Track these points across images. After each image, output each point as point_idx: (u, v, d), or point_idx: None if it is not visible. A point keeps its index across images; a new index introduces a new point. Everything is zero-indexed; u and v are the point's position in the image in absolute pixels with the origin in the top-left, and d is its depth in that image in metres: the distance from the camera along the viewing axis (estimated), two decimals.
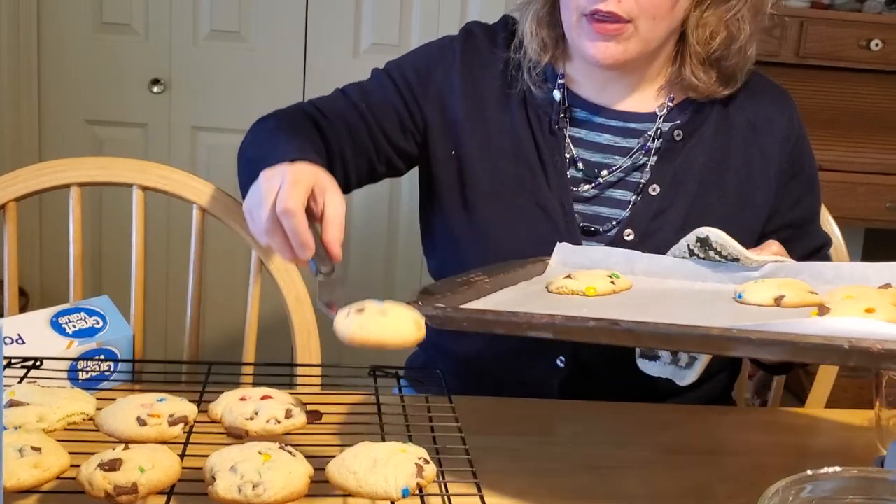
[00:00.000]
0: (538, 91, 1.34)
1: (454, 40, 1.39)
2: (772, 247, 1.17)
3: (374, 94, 1.36)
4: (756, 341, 0.87)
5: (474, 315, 1.00)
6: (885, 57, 2.79)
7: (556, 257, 1.24)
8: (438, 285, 1.10)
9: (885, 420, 1.14)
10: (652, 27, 1.24)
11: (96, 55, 2.66)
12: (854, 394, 2.40)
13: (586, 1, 1.23)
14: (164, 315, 2.69)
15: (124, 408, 0.94)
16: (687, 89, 1.33)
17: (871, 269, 1.08)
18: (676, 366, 1.13)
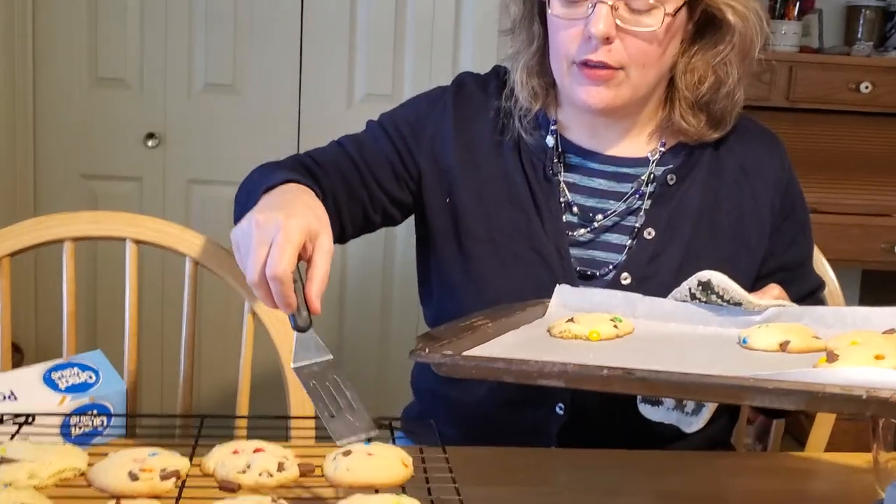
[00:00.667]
0: (530, 138, 1.35)
1: (446, 91, 1.41)
2: (773, 290, 1.17)
3: (368, 145, 1.37)
4: (773, 391, 0.87)
5: (483, 363, 0.99)
6: (875, 99, 2.82)
7: (557, 299, 1.24)
8: (441, 330, 1.09)
9: (883, 463, 1.13)
10: (642, 74, 1.26)
11: (91, 110, 2.68)
12: (854, 436, 2.39)
13: (577, 50, 1.24)
14: (160, 368, 2.68)
15: (116, 462, 0.93)
16: (677, 133, 1.34)
17: (872, 313, 1.09)
18: (682, 412, 1.12)
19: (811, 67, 2.81)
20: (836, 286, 1.58)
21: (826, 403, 0.87)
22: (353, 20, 2.70)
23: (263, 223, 1.03)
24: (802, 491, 1.16)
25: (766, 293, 1.17)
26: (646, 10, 1.22)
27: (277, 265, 1.00)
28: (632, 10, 1.22)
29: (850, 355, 0.96)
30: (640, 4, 1.21)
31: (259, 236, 1.02)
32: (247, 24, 2.67)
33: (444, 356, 1.00)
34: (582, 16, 1.23)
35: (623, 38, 1.23)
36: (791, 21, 2.87)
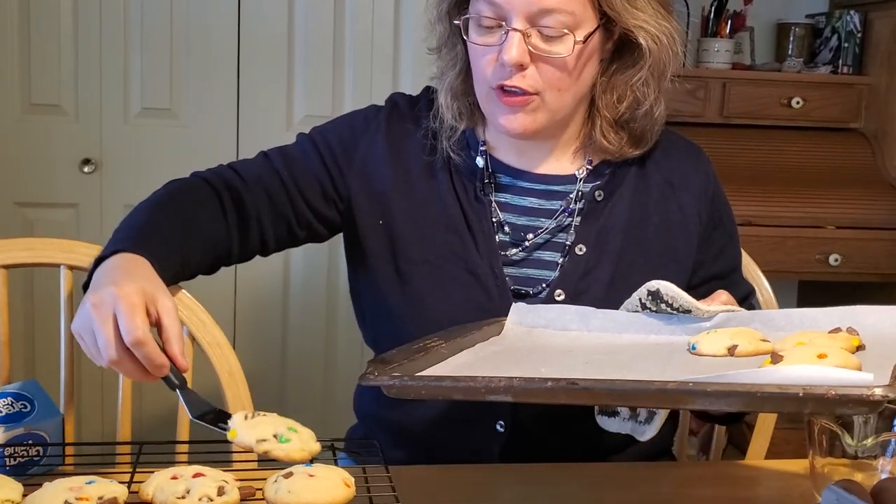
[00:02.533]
0: (458, 158, 1.36)
1: (380, 110, 1.41)
2: (721, 296, 1.19)
3: (297, 162, 1.37)
4: (713, 393, 0.88)
5: (431, 382, 0.99)
6: (806, 114, 2.88)
7: (513, 317, 1.25)
8: (392, 354, 1.09)
9: (820, 468, 1.15)
10: (557, 98, 1.27)
11: (25, 137, 2.63)
12: (796, 444, 2.42)
13: (493, 75, 1.26)
14: (100, 395, 2.64)
15: (52, 492, 0.92)
16: (600, 151, 1.36)
17: (820, 313, 1.11)
18: (636, 421, 1.14)
19: (744, 84, 2.87)
20: (773, 298, 1.61)
21: (766, 403, 0.89)
22: (290, 41, 2.69)
23: (98, 303, 1.05)
24: (744, 498, 1.18)
25: (714, 299, 1.18)
26: (557, 38, 1.23)
27: (134, 330, 1.02)
28: (544, 37, 1.23)
29: (794, 355, 0.97)
30: (552, 32, 1.23)
31: (99, 315, 1.04)
32: (183, 47, 2.65)
33: (393, 378, 1.00)
34: (496, 42, 1.25)
35: (537, 65, 1.24)
36: (723, 39, 2.92)
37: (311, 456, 1.02)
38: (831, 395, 0.84)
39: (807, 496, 1.16)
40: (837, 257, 2.72)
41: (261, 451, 1.00)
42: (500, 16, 1.24)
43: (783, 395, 0.86)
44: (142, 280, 1.09)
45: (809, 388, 0.85)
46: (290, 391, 2.80)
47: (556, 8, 1.22)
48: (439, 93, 1.36)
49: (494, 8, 1.23)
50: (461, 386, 0.96)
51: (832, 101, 2.90)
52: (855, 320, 1.07)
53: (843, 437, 1.12)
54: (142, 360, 1.03)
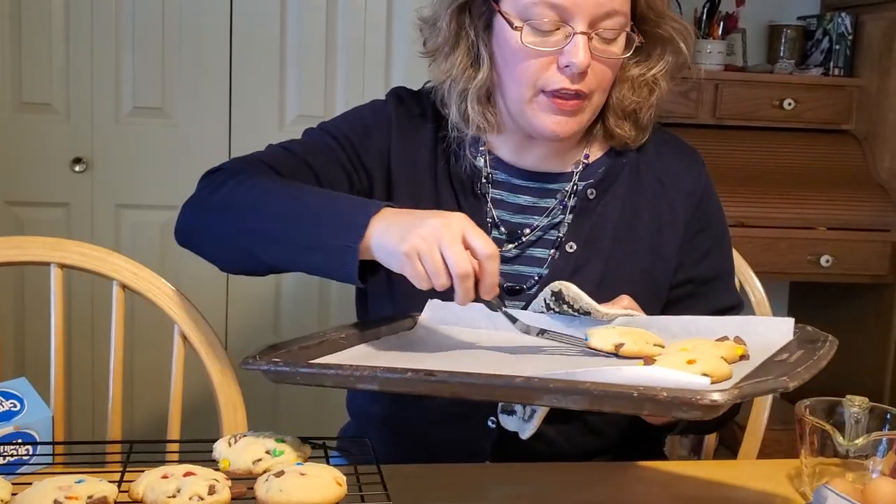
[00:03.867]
0: (462, 158, 1.35)
1: (387, 103, 1.40)
2: (623, 301, 1.19)
3: (321, 154, 1.34)
4: (555, 389, 0.91)
5: (305, 370, 1.03)
6: (798, 115, 2.89)
7: (426, 313, 1.26)
8: (288, 342, 1.13)
9: (811, 468, 1.15)
10: (601, 97, 1.29)
11: (16, 135, 2.62)
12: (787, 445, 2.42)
13: (550, 79, 1.24)
14: (91, 394, 2.63)
15: (41, 491, 0.91)
16: (599, 142, 1.36)
17: (716, 322, 1.12)
18: (522, 419, 1.16)
19: (736, 85, 2.87)
20: (765, 298, 1.62)
21: (604, 402, 0.91)
22: (283, 41, 2.69)
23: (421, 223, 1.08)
24: (734, 497, 1.18)
25: (616, 303, 1.18)
26: (613, 39, 1.25)
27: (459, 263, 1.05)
28: (602, 39, 1.24)
29: (665, 360, 0.99)
30: (610, 34, 1.24)
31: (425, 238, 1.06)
32: (175, 45, 2.64)
33: (270, 363, 1.04)
34: (553, 45, 1.23)
35: (593, 66, 1.24)
36: (716, 40, 2.93)
37: (306, 458, 1.02)
38: (663, 396, 0.86)
39: (798, 495, 1.17)
40: (829, 258, 2.73)
41: (259, 471, 0.99)
42: (562, 18, 1.22)
43: (621, 395, 0.88)
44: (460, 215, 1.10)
45: (644, 389, 0.87)
46: (282, 391, 2.79)
47: (619, 10, 1.23)
48: (454, 99, 1.32)
49: (557, 10, 1.21)
50: (330, 374, 1.01)
51: (824, 102, 2.91)
52: (746, 330, 1.08)
53: (834, 437, 1.12)
54: (461, 291, 1.06)
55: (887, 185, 2.81)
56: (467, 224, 1.07)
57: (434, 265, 1.05)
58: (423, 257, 1.05)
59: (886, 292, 2.80)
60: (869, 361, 2.82)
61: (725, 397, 0.84)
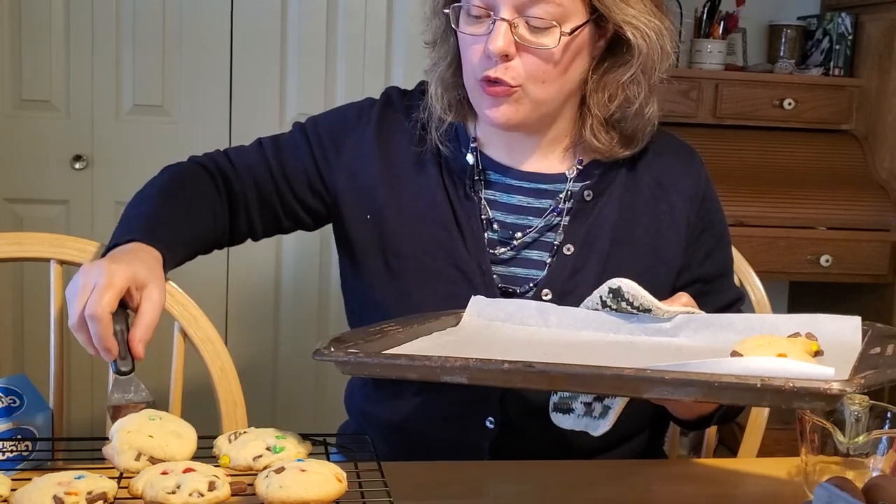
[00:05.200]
0: (447, 150, 1.35)
1: (374, 105, 1.41)
2: (682, 298, 1.18)
3: (287, 151, 1.40)
4: (670, 381, 0.88)
5: (387, 360, 1.00)
6: (798, 115, 2.89)
7: (472, 309, 1.24)
8: (350, 334, 1.11)
9: (811, 466, 1.15)
10: (541, 89, 1.26)
11: (16, 133, 2.62)
12: (787, 445, 2.43)
13: (479, 66, 1.26)
14: (90, 390, 2.63)
15: (40, 487, 0.91)
16: (590, 151, 1.35)
17: (780, 319, 1.10)
18: (590, 417, 1.12)
19: (736, 85, 2.87)
20: (765, 297, 1.61)
21: (724, 393, 0.88)
22: (283, 39, 2.69)
23: (88, 270, 1.11)
24: (733, 495, 1.18)
25: (675, 301, 1.17)
26: (544, 29, 1.23)
27: (95, 304, 1.07)
28: (531, 28, 1.23)
29: (754, 354, 0.97)
30: (538, 23, 1.22)
31: (83, 281, 1.09)
32: (175, 43, 2.64)
33: (349, 354, 1.01)
34: (484, 33, 1.24)
35: (522, 56, 1.24)
36: (716, 40, 2.93)
37: (307, 455, 1.02)
38: (789, 386, 0.84)
39: (798, 494, 1.16)
40: (828, 258, 2.73)
41: (260, 467, 0.99)
42: (488, 5, 1.23)
43: (741, 386, 0.86)
44: (140, 266, 1.13)
45: (768, 379, 0.85)
46: (281, 387, 2.79)
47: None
48: (430, 84, 1.36)
49: None
50: (416, 365, 0.97)
51: (824, 102, 2.91)
52: (815, 327, 1.06)
53: (835, 435, 1.12)
54: (93, 336, 1.08)
55: (887, 185, 2.81)
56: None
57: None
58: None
59: (886, 292, 2.80)
60: None
61: (852, 387, 0.83)
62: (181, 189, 1.34)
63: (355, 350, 1.02)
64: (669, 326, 1.13)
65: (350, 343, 1.05)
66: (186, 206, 1.32)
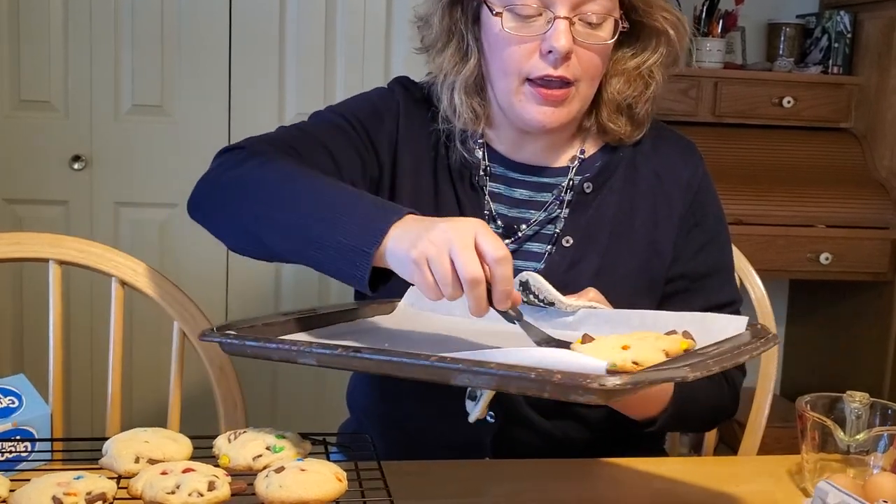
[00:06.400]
0: (460, 148, 1.35)
1: (393, 91, 1.39)
2: (588, 293, 1.17)
3: (335, 135, 1.32)
4: (466, 370, 0.90)
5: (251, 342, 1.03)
6: (797, 113, 2.89)
7: (406, 299, 1.25)
8: (256, 318, 1.13)
9: (812, 463, 1.15)
10: (590, 87, 1.28)
11: (15, 133, 2.62)
12: (788, 443, 2.43)
13: (532, 67, 1.23)
14: (90, 390, 2.63)
15: (39, 487, 0.91)
16: (598, 138, 1.35)
17: (673, 317, 1.09)
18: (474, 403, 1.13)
19: (735, 83, 2.87)
20: (765, 296, 1.61)
21: (511, 383, 0.89)
22: (282, 38, 2.69)
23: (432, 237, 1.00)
24: (736, 493, 1.18)
25: (582, 296, 1.17)
26: (598, 24, 1.23)
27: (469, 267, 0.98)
28: (585, 23, 1.23)
29: (601, 342, 0.97)
30: (594, 18, 1.23)
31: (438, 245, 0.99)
32: (174, 43, 2.64)
33: (224, 335, 1.04)
34: (536, 31, 1.22)
35: (577, 53, 1.23)
36: (715, 38, 2.93)
37: (307, 454, 1.02)
38: (557, 379, 0.84)
39: (799, 491, 1.16)
40: (828, 256, 2.73)
41: (260, 467, 0.99)
42: (543, 3, 1.22)
43: (524, 377, 0.86)
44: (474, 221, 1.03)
45: (542, 370, 0.85)
46: (281, 386, 2.79)
47: None
48: (446, 92, 1.32)
49: None
50: (272, 347, 1.01)
51: (823, 100, 2.91)
52: (702, 326, 1.05)
53: (835, 433, 1.12)
54: (472, 299, 1.00)
55: (886, 183, 2.81)
56: (480, 227, 1.00)
57: (443, 271, 0.98)
58: (431, 263, 0.98)
59: (885, 290, 2.80)
60: (868, 358, 2.83)
61: (615, 382, 0.82)
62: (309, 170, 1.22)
63: (231, 332, 1.05)
64: (572, 320, 1.14)
65: (246, 327, 1.08)
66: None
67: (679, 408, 1.23)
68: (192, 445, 1.04)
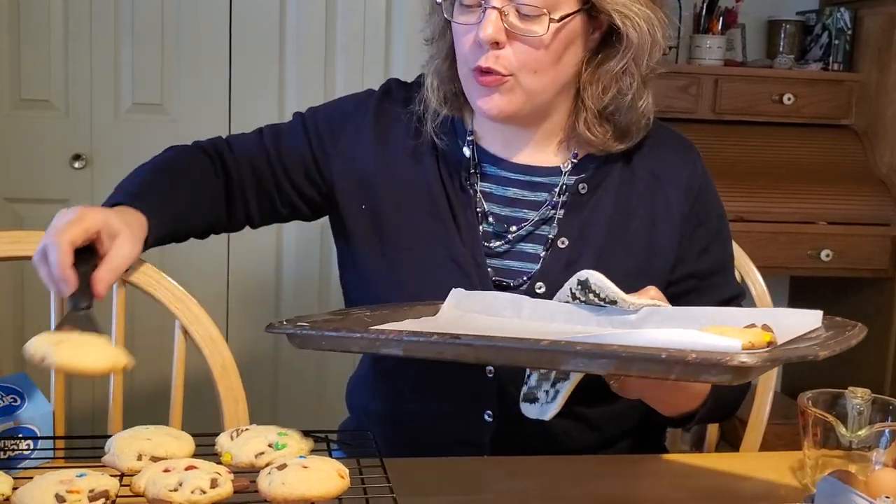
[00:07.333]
0: (442, 143, 1.35)
1: (371, 96, 1.42)
2: (650, 291, 1.16)
3: (285, 140, 1.41)
4: (582, 353, 0.89)
5: (329, 332, 1.04)
6: (798, 110, 2.89)
7: (449, 301, 1.25)
8: (315, 314, 1.13)
9: (814, 460, 1.15)
10: (533, 80, 1.26)
11: (15, 132, 2.62)
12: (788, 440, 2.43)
13: (470, 55, 1.26)
14: (91, 389, 2.63)
15: (42, 485, 0.91)
16: (584, 144, 1.34)
17: (741, 312, 1.09)
18: (546, 403, 1.12)
19: (735, 80, 2.87)
20: (766, 293, 1.61)
21: (633, 365, 0.88)
22: (282, 37, 2.69)
23: (62, 213, 1.14)
24: (737, 489, 1.18)
25: (643, 294, 1.16)
26: (534, 17, 1.22)
27: (56, 234, 1.10)
28: (521, 15, 1.22)
29: None
30: (528, 10, 1.22)
31: (55, 222, 1.13)
32: (174, 42, 2.64)
33: (296, 327, 1.05)
34: (475, 22, 1.24)
35: (513, 44, 1.23)
36: (715, 35, 2.93)
37: (309, 452, 1.02)
38: (692, 358, 0.83)
39: (801, 487, 1.16)
40: (829, 253, 2.73)
41: (262, 464, 0.99)
42: None
43: (649, 357, 0.85)
44: (115, 217, 1.15)
45: (674, 351, 0.84)
46: (282, 385, 2.79)
47: None
48: (426, 77, 1.36)
49: None
50: (355, 338, 1.01)
51: (823, 97, 2.91)
52: (775, 320, 1.04)
53: (837, 428, 1.12)
54: (49, 263, 1.09)
55: (887, 180, 2.81)
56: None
57: None
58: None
59: (886, 286, 2.80)
60: (869, 355, 2.82)
61: (755, 359, 0.82)
62: (177, 165, 1.37)
63: (304, 324, 1.04)
64: (635, 318, 1.13)
65: (310, 321, 1.08)
66: (179, 182, 1.34)
67: (716, 401, 1.22)
68: (195, 443, 1.04)
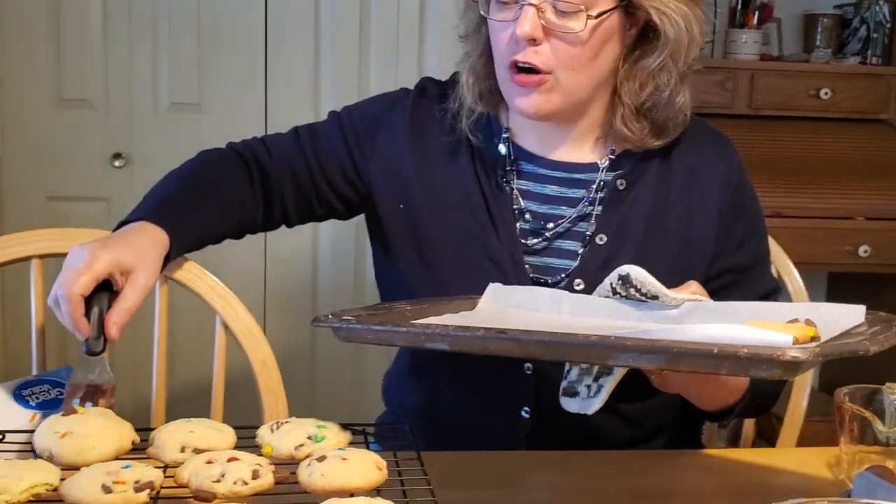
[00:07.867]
0: (478, 140, 1.36)
1: (408, 95, 1.42)
2: (691, 286, 1.16)
3: (322, 140, 1.41)
4: (632, 348, 0.89)
5: (375, 326, 1.04)
6: (835, 105, 2.86)
7: (487, 295, 1.25)
8: (357, 308, 1.14)
9: (850, 455, 1.15)
10: (571, 77, 1.26)
11: (56, 131, 2.66)
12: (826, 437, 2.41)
13: (507, 51, 1.26)
14: (132, 382, 2.66)
15: (88, 476, 0.93)
16: (621, 140, 1.34)
17: (784, 306, 1.09)
18: (588, 397, 1.13)
19: (772, 75, 2.85)
20: (803, 289, 1.60)
21: (683, 360, 0.88)
22: (317, 34, 2.71)
23: (75, 253, 1.16)
24: (771, 484, 1.18)
25: (684, 289, 1.16)
26: (571, 13, 1.22)
27: (67, 286, 1.11)
28: (558, 12, 1.22)
29: None
30: (566, 6, 1.22)
31: (67, 263, 1.15)
32: (210, 41, 2.67)
33: (342, 321, 1.05)
34: (512, 18, 1.24)
35: (550, 41, 1.23)
36: (751, 30, 2.91)
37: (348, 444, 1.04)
38: (743, 353, 0.83)
39: (836, 484, 1.16)
40: (867, 249, 2.70)
41: (302, 456, 1.01)
42: None
43: (699, 352, 0.86)
44: (126, 252, 1.17)
45: (725, 346, 0.84)
46: (319, 379, 2.82)
47: None
48: (461, 75, 1.36)
49: None
50: (402, 332, 1.02)
51: (861, 91, 2.88)
52: (818, 315, 1.04)
53: (874, 424, 1.12)
54: (63, 315, 1.12)
55: None
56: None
57: None
58: None
59: None
60: None
61: (806, 354, 0.82)
62: (204, 173, 1.38)
63: (349, 318, 1.05)
64: (677, 313, 1.13)
65: (354, 315, 1.09)
66: (208, 192, 1.35)
67: (754, 395, 1.22)
68: (236, 435, 1.06)
